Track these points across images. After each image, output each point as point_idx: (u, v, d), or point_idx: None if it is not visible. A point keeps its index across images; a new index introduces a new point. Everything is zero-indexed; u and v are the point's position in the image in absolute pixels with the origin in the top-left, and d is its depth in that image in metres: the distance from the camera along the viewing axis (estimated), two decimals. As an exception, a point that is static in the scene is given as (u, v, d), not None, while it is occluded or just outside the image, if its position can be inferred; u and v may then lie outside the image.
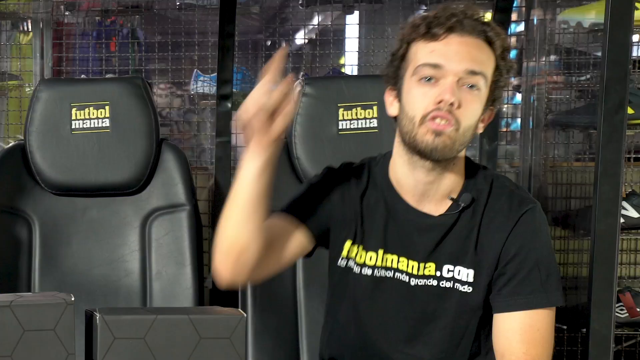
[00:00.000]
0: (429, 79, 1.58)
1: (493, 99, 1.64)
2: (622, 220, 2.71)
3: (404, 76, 1.64)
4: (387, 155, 1.73)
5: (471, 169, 1.71)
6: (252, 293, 2.09)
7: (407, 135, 1.61)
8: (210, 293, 2.63)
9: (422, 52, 1.61)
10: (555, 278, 1.66)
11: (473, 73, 1.58)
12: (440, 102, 1.56)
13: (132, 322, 1.20)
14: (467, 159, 1.70)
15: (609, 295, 1.57)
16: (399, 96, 1.65)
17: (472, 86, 1.58)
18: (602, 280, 1.56)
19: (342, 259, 1.71)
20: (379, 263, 1.68)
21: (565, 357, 3.07)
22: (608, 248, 1.56)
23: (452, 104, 1.55)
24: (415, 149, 1.60)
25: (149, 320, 1.20)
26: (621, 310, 2.84)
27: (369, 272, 1.69)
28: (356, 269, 1.70)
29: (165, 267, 2.29)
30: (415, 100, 1.59)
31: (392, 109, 1.68)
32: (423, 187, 1.66)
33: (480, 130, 1.65)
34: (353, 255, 1.70)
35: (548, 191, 3.21)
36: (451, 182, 1.67)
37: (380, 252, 1.68)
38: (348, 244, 1.70)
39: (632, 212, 2.87)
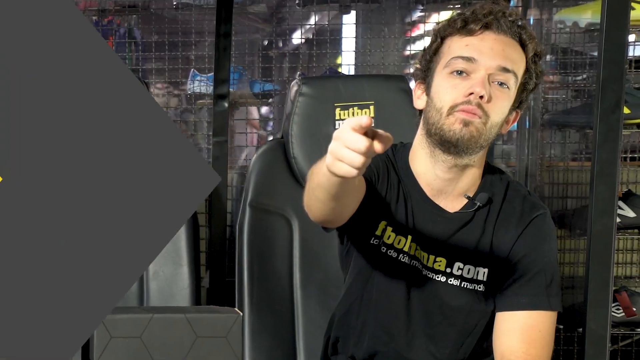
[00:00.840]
0: (461, 73, 1.58)
1: (520, 101, 1.65)
2: (618, 220, 2.72)
3: (435, 69, 1.64)
4: (407, 146, 1.73)
5: (488, 171, 1.71)
6: (249, 292, 2.08)
7: (433, 126, 1.60)
8: (207, 292, 2.63)
9: (457, 46, 1.61)
10: (557, 285, 1.67)
11: (505, 70, 1.58)
12: (470, 94, 1.55)
13: (128, 321, 1.20)
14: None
15: (605, 295, 1.56)
16: (427, 90, 1.65)
17: (502, 84, 1.59)
18: (598, 279, 1.56)
19: (375, 238, 1.67)
20: (405, 248, 1.66)
21: (562, 357, 3.07)
22: (604, 248, 1.55)
23: (481, 97, 1.55)
24: (441, 140, 1.59)
25: (146, 319, 1.20)
26: (617, 309, 2.85)
27: (394, 254, 1.66)
28: (389, 252, 1.67)
29: (162, 266, 2.28)
30: (445, 92, 1.59)
31: (419, 102, 1.67)
32: (441, 183, 1.66)
33: (504, 131, 1.66)
34: (385, 236, 1.66)
35: (544, 191, 3.22)
36: (469, 180, 1.66)
37: (409, 237, 1.66)
38: (383, 224, 1.67)
39: (628, 212, 2.88)
